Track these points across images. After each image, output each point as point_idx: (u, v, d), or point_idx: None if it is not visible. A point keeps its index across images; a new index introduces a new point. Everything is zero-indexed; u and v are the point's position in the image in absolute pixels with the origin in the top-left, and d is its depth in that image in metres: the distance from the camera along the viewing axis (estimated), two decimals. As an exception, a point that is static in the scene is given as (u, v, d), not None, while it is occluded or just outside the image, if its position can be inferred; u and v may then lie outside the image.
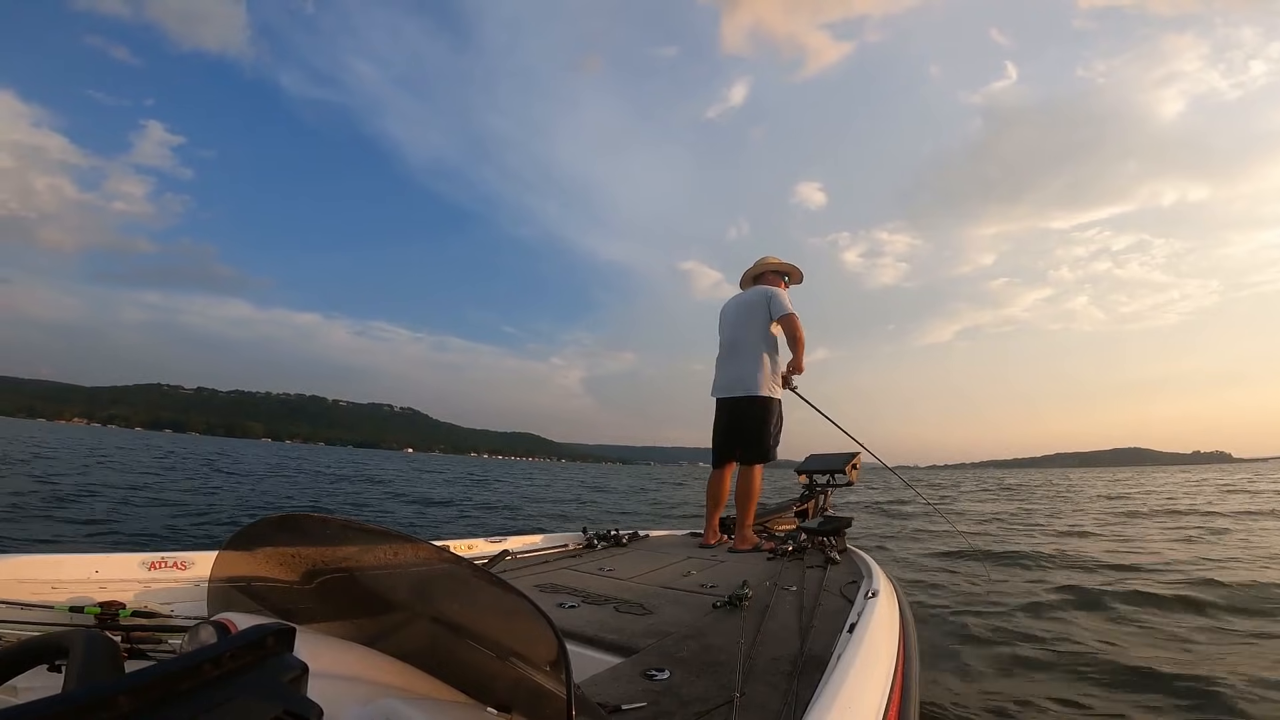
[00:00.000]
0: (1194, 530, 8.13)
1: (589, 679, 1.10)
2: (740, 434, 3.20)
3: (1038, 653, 3.04)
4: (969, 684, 2.69)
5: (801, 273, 3.50)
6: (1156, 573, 5.00)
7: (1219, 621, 3.60)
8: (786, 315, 3.16)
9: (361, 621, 0.85)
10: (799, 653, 1.25)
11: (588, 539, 2.83)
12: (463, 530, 8.15)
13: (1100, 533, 8.14)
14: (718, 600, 1.70)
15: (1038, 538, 7.67)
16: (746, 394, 3.20)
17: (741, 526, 3.04)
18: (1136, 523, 9.49)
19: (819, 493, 3.94)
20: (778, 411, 3.21)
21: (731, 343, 3.32)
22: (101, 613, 1.19)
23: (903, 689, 1.06)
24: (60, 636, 0.52)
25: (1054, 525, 9.23)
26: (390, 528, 0.78)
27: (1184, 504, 12.88)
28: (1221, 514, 10.24)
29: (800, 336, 3.15)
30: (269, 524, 0.88)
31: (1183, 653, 3.04)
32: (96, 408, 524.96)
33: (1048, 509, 12.64)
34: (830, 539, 2.76)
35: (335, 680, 0.68)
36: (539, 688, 0.63)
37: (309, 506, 9.65)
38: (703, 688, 1.07)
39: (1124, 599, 4.07)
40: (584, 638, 1.39)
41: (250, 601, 0.94)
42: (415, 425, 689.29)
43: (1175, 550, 6.34)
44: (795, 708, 0.97)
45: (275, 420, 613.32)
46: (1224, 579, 4.55)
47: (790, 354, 3.22)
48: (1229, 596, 4.10)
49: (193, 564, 1.43)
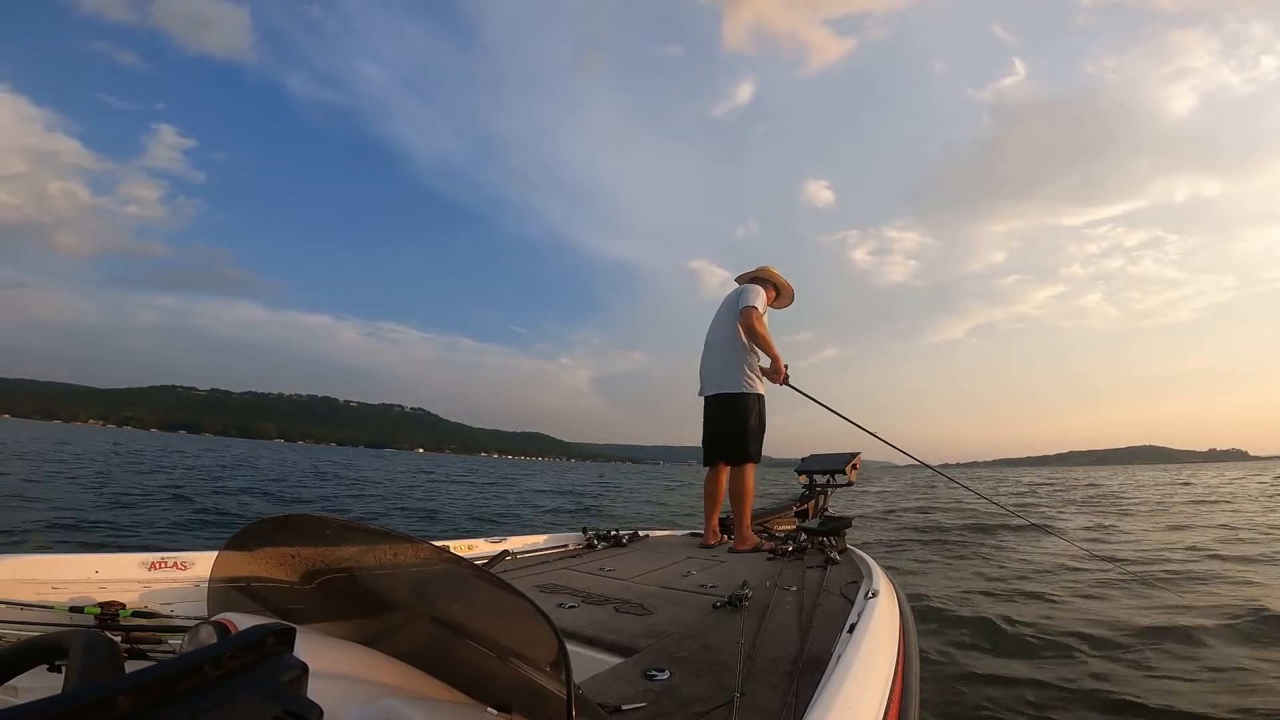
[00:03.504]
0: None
1: (589, 679, 1.10)
2: (721, 433, 3.21)
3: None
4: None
5: (793, 294, 3.48)
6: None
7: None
8: (743, 309, 3.12)
9: (361, 622, 0.85)
10: (799, 653, 1.25)
11: (588, 539, 2.82)
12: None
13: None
14: (718, 600, 1.69)
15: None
16: (721, 391, 3.21)
17: (739, 527, 3.03)
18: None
19: (819, 493, 3.94)
20: (756, 408, 3.18)
21: (710, 342, 3.35)
22: (101, 613, 1.19)
23: (903, 689, 1.06)
24: (60, 636, 0.52)
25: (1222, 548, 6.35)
26: (390, 528, 0.78)
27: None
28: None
29: (757, 328, 3.10)
30: (269, 524, 0.88)
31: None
32: (112, 409, 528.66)
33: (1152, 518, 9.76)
34: (830, 539, 2.76)
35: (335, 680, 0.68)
36: (539, 688, 0.63)
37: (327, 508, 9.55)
38: (703, 688, 1.07)
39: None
40: (584, 638, 1.38)
41: (250, 602, 0.94)
42: (426, 425, 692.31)
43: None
44: (795, 708, 0.97)
45: (287, 421, 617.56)
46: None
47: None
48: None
49: (193, 564, 1.43)
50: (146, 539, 5.54)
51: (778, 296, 3.47)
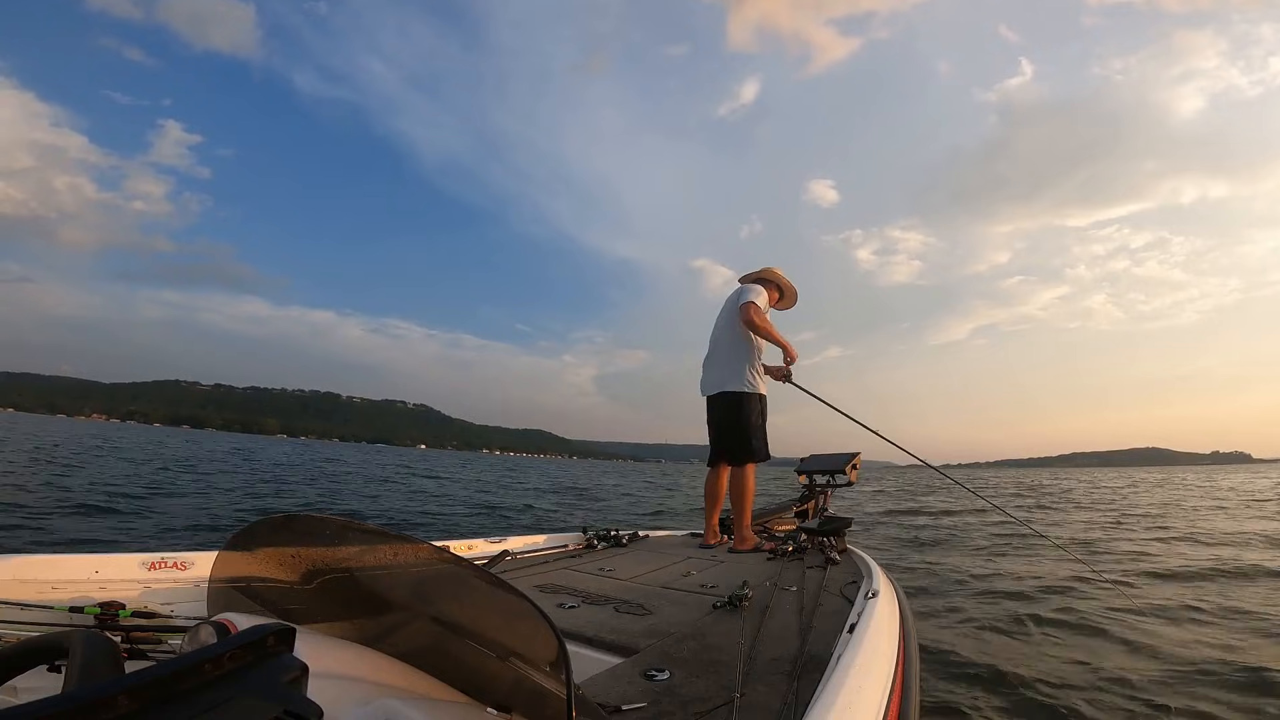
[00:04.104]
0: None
1: (589, 679, 1.10)
2: (723, 432, 3.21)
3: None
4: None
5: (796, 295, 3.47)
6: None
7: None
8: (742, 304, 3.11)
9: (362, 622, 0.85)
10: (799, 653, 1.25)
11: (588, 539, 2.82)
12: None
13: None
14: (718, 600, 1.69)
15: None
16: (722, 389, 3.21)
17: (739, 527, 3.03)
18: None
19: (819, 493, 3.93)
20: (758, 407, 3.18)
21: (713, 341, 3.35)
22: (101, 613, 1.19)
23: (903, 689, 1.06)
24: (60, 636, 0.53)
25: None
26: (390, 528, 0.78)
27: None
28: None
29: (756, 320, 3.07)
30: (269, 524, 0.88)
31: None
32: (116, 404, 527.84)
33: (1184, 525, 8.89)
34: (830, 539, 2.76)
35: (335, 680, 0.68)
36: (539, 688, 0.63)
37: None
38: (703, 688, 1.07)
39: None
40: (584, 638, 1.38)
41: (250, 602, 0.94)
42: (428, 422, 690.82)
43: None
44: (795, 708, 0.97)
45: (290, 416, 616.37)
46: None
47: (780, 350, 3.21)
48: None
49: (193, 564, 1.43)
50: (146, 539, 5.53)
51: (781, 298, 3.46)
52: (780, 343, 3.19)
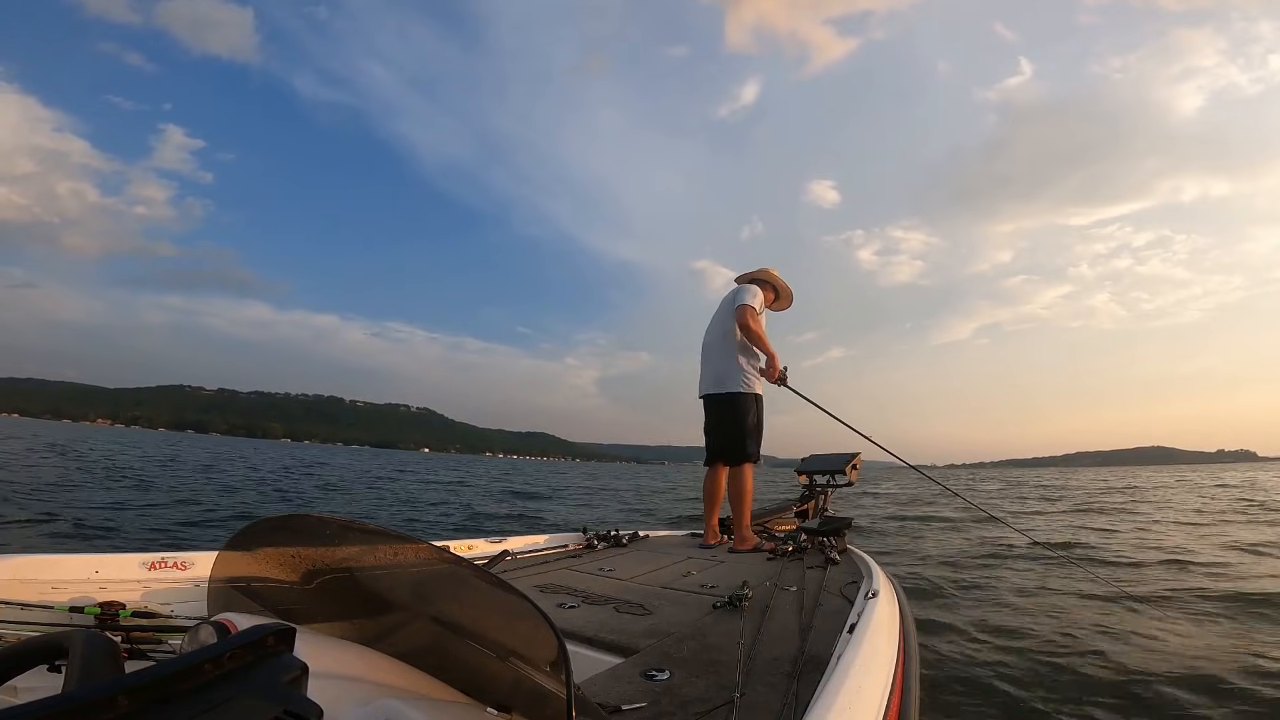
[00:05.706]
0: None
1: (589, 679, 1.10)
2: (719, 432, 3.21)
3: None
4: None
5: (793, 296, 3.48)
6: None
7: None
8: (738, 307, 3.13)
9: (361, 622, 0.85)
10: (799, 653, 1.25)
11: (588, 539, 2.82)
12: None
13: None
14: (718, 600, 1.69)
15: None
16: (719, 390, 3.22)
17: (739, 527, 3.03)
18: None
19: (819, 493, 3.93)
20: (754, 408, 3.18)
21: (707, 342, 3.36)
22: (101, 613, 1.19)
23: (903, 689, 1.06)
24: (60, 636, 0.53)
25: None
26: (390, 528, 0.78)
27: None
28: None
29: (751, 326, 3.09)
30: (269, 524, 0.88)
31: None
32: (120, 409, 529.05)
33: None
34: (830, 539, 2.76)
35: (335, 680, 0.68)
36: (539, 688, 0.63)
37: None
38: (703, 688, 1.07)
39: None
40: (584, 638, 1.39)
41: (250, 602, 0.94)
42: (431, 425, 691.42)
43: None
44: (795, 708, 0.97)
45: (294, 420, 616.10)
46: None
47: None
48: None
49: (193, 564, 1.43)
50: (146, 539, 5.53)
51: (777, 299, 3.46)
52: (769, 353, 3.20)
